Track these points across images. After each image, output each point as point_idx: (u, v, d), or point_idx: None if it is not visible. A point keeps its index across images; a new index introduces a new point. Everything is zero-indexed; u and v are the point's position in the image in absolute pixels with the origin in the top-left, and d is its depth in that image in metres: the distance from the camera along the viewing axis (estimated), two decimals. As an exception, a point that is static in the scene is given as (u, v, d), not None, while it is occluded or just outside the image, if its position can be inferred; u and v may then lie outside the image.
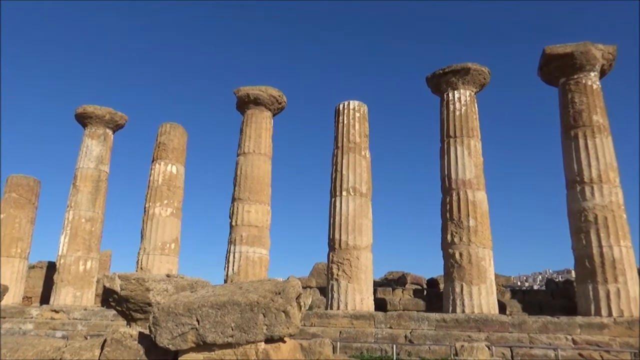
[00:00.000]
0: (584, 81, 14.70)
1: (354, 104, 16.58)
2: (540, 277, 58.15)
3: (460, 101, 15.67)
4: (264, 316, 4.09)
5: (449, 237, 14.36)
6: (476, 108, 15.81)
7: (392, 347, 11.50)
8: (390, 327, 13.33)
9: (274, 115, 18.79)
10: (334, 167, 16.10)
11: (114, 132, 20.93)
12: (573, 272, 15.26)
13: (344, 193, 15.44)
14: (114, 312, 11.07)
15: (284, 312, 4.12)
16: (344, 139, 16.09)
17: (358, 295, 14.36)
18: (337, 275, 14.65)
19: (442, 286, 17.23)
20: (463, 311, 13.33)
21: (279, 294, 4.21)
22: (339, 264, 14.71)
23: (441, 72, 16.10)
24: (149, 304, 5.36)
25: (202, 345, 4.13)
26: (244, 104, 18.24)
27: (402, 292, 17.52)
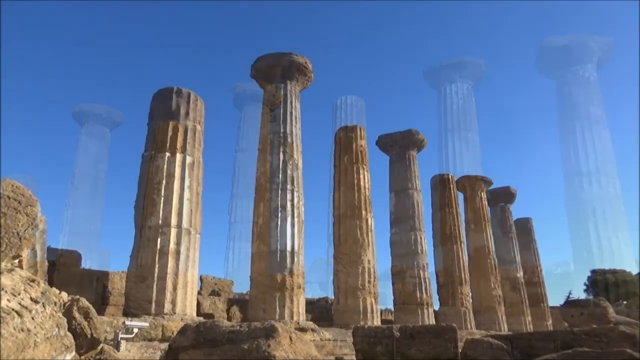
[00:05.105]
0: (581, 73, 14.70)
1: (351, 98, 16.52)
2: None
3: (457, 95, 15.65)
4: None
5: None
6: (473, 101, 15.81)
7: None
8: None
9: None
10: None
11: (111, 130, 20.93)
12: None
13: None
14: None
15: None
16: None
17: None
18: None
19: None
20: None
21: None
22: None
23: (439, 66, 16.07)
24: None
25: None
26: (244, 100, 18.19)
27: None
